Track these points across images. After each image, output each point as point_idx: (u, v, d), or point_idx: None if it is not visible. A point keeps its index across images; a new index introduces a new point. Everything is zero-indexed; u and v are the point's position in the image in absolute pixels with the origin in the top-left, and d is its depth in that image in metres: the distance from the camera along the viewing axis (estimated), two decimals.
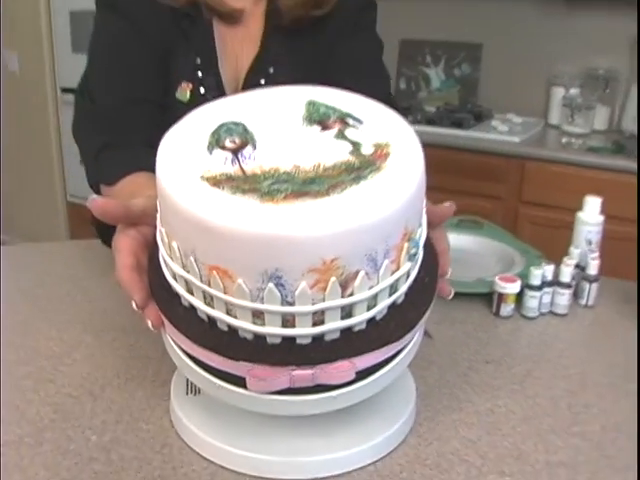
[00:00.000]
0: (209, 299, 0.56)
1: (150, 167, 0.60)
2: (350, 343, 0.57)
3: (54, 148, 3.68)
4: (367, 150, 0.58)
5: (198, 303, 0.57)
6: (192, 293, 0.57)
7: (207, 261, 0.53)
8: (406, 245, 0.56)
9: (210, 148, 0.58)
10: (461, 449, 0.69)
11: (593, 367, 0.87)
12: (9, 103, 3.76)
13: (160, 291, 0.61)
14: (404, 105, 3.01)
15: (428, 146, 2.25)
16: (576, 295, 1.05)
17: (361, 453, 0.65)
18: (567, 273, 1.00)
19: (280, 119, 0.62)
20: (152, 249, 0.64)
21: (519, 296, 1.00)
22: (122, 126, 1.01)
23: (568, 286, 1.00)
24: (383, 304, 0.57)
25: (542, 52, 2.90)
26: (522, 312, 1.00)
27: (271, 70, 1.11)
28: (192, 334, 0.59)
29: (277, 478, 0.63)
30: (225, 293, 0.54)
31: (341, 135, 0.60)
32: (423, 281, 0.63)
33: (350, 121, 0.61)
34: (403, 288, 0.59)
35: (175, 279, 0.58)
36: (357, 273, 0.53)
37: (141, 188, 0.69)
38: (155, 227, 0.63)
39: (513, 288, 0.98)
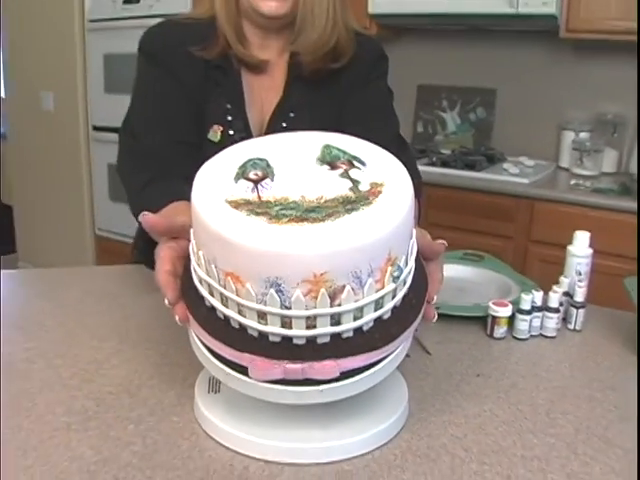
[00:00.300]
0: (225, 301, 0.68)
1: (188, 197, 0.73)
2: (338, 347, 0.68)
3: (85, 183, 3.84)
4: (364, 187, 0.70)
5: (217, 304, 0.69)
6: (213, 295, 0.69)
7: (224, 268, 0.66)
8: (389, 268, 0.67)
9: (236, 178, 0.71)
10: (448, 444, 0.79)
11: (575, 381, 0.96)
12: (43, 139, 3.94)
13: (189, 293, 0.73)
14: (421, 147, 3.14)
15: (442, 187, 2.42)
16: (565, 320, 1.15)
17: (357, 443, 0.76)
18: (555, 299, 1.10)
19: (298, 158, 0.74)
20: (186, 260, 0.76)
21: (511, 319, 1.11)
22: (163, 163, 1.15)
23: (556, 311, 1.10)
24: (369, 317, 0.68)
25: (553, 98, 3.03)
26: (514, 334, 1.10)
27: (292, 115, 1.25)
28: (211, 330, 0.71)
29: (283, 461, 0.74)
30: (237, 296, 0.66)
31: (345, 174, 0.72)
32: (411, 302, 0.74)
33: (355, 163, 0.74)
34: (389, 305, 0.70)
35: (200, 283, 0.71)
36: (344, 287, 0.64)
37: (181, 212, 0.81)
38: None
39: (505, 312, 1.08)
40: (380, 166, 0.74)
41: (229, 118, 1.23)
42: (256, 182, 0.70)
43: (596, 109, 2.93)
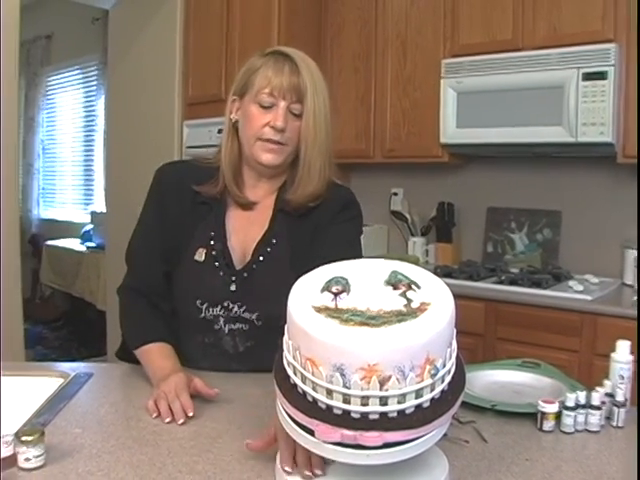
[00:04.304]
0: (304, 379, 0.92)
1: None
2: (384, 423, 0.90)
3: None
4: (415, 305, 0.94)
5: (298, 381, 0.93)
6: (296, 375, 0.94)
7: (305, 354, 0.91)
8: (428, 367, 0.90)
9: (322, 290, 0.97)
10: None
11: (611, 467, 1.12)
12: None
13: (280, 372, 0.98)
14: (491, 267, 3.33)
15: (511, 304, 2.62)
16: (609, 419, 1.31)
17: None
18: (596, 398, 1.27)
19: (371, 279, 1.00)
20: (281, 349, 1.00)
21: (560, 416, 1.27)
22: (139, 273, 1.58)
23: (598, 408, 1.26)
24: (410, 403, 0.90)
25: (615, 217, 3.20)
26: (561, 428, 1.26)
27: (274, 241, 1.56)
28: (292, 401, 0.95)
29: None
30: (313, 376, 0.90)
31: (403, 294, 0.97)
32: (447, 397, 0.95)
33: (413, 286, 0.98)
34: (428, 396, 0.91)
35: (288, 365, 0.96)
36: (390, 377, 0.87)
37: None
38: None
39: (552, 408, 1.25)
40: (431, 290, 0.98)
41: (212, 242, 1.54)
42: (336, 294, 0.97)
43: None
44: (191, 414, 1.23)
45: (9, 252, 3.09)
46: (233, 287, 1.52)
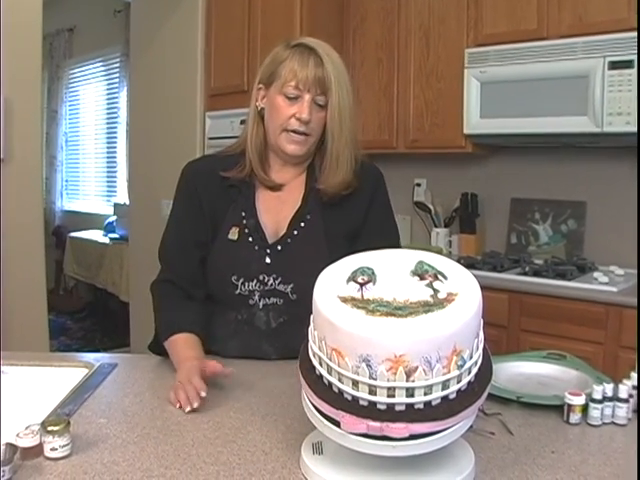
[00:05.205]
0: (329, 370, 0.91)
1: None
2: (410, 414, 0.89)
3: None
4: (442, 295, 0.93)
5: (324, 372, 0.93)
6: (321, 365, 0.93)
7: (331, 345, 0.90)
8: (455, 358, 0.89)
9: (348, 280, 0.96)
10: None
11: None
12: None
13: (305, 363, 0.98)
14: (514, 258, 3.30)
15: (535, 295, 2.59)
16: (636, 411, 1.29)
17: None
18: (624, 390, 1.25)
19: (397, 269, 0.99)
20: (306, 340, 1.00)
21: (587, 409, 1.26)
22: (173, 265, 1.63)
23: (625, 401, 1.25)
24: (437, 394, 0.89)
25: None
26: (588, 421, 1.25)
27: (308, 217, 1.60)
28: (317, 391, 0.94)
29: None
30: (338, 366, 0.89)
31: (430, 285, 0.96)
32: (474, 389, 0.95)
33: (439, 277, 0.97)
34: (454, 387, 0.91)
35: (313, 356, 0.95)
36: (417, 368, 0.86)
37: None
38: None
39: (579, 400, 1.24)
40: (458, 281, 0.97)
41: (244, 221, 1.58)
42: (362, 284, 0.96)
43: None
44: (204, 394, 1.24)
45: (34, 244, 3.12)
46: (268, 260, 1.56)
